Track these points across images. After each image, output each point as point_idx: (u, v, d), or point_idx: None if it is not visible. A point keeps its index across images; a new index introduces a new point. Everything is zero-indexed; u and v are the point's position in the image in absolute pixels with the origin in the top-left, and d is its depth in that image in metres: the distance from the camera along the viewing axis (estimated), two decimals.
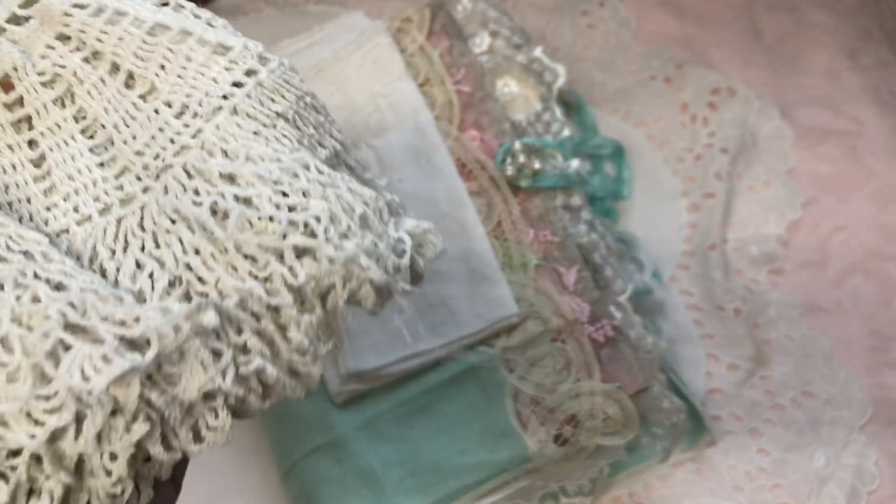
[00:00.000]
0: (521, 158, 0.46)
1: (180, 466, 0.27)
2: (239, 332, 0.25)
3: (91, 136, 0.28)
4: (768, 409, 0.46)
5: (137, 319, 0.23)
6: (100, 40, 0.29)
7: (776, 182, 0.52)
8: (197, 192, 0.26)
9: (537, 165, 0.46)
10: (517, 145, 0.46)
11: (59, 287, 0.24)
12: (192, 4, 0.31)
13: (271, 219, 0.25)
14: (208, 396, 0.24)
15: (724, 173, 0.52)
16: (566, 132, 0.50)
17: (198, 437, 0.25)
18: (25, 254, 0.25)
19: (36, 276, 0.24)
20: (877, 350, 0.47)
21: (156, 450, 0.24)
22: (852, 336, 0.48)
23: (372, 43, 0.51)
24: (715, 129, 0.53)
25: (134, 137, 0.28)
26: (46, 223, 0.27)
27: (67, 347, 0.22)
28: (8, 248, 0.25)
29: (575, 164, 0.47)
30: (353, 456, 0.43)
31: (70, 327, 0.23)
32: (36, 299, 0.23)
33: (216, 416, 0.24)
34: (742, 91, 0.54)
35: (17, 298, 0.23)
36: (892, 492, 0.44)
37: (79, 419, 0.22)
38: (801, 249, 0.51)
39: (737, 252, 0.51)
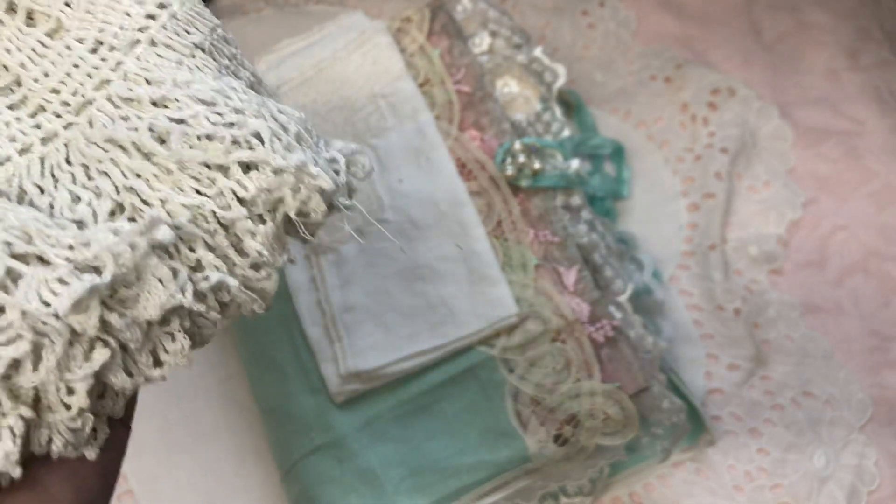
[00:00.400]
0: (521, 158, 0.46)
1: (129, 406, 0.27)
2: (191, 249, 0.24)
3: None
4: (768, 409, 0.46)
5: (87, 243, 0.22)
6: None
7: (776, 182, 0.52)
8: (128, 119, 0.25)
9: (537, 165, 0.46)
10: (517, 145, 0.46)
11: None
12: None
13: (211, 137, 0.25)
14: (166, 318, 0.24)
15: (724, 173, 0.52)
16: (566, 132, 0.50)
17: (157, 362, 0.24)
18: None
19: None
20: (877, 350, 0.47)
21: (117, 378, 0.23)
22: (852, 336, 0.48)
23: (372, 43, 0.51)
24: (715, 129, 0.53)
25: (46, 75, 0.27)
26: None
27: (18, 276, 0.21)
28: None
29: (575, 164, 0.47)
30: (353, 456, 0.43)
31: (16, 257, 0.22)
32: None
33: (173, 339, 0.24)
34: (742, 91, 0.54)
35: None
36: (892, 492, 0.44)
37: (36, 349, 0.21)
38: (801, 249, 0.51)
39: (737, 252, 0.51)
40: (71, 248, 0.22)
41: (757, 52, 0.56)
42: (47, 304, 0.21)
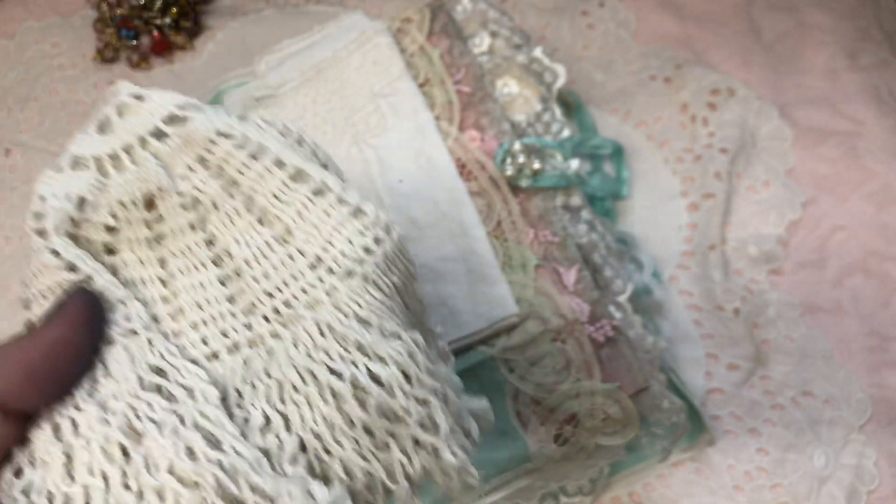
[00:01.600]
0: (521, 158, 0.46)
1: None
2: None
3: (217, 264, 0.28)
4: (768, 408, 0.46)
5: (276, 498, 0.24)
6: (241, 172, 0.28)
7: (776, 182, 0.52)
8: (330, 356, 0.26)
9: (537, 165, 0.46)
10: (517, 145, 0.46)
11: (213, 442, 0.24)
12: (310, 141, 0.31)
13: (398, 409, 0.26)
14: None
15: (723, 173, 0.52)
16: (566, 132, 0.50)
17: None
18: (188, 390, 0.25)
19: (196, 425, 0.25)
20: (876, 350, 0.47)
21: None
22: (852, 336, 0.48)
23: (372, 43, 0.51)
24: (715, 129, 0.53)
25: (265, 276, 0.28)
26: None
27: None
28: (177, 382, 0.26)
29: (575, 164, 0.47)
30: None
31: (222, 495, 0.24)
32: (192, 454, 0.24)
33: None
34: (742, 91, 0.54)
35: (174, 445, 0.24)
36: (891, 492, 0.44)
37: None
38: (800, 249, 0.51)
39: (736, 252, 0.51)
40: (268, 497, 0.24)
41: (757, 52, 0.56)
42: None
